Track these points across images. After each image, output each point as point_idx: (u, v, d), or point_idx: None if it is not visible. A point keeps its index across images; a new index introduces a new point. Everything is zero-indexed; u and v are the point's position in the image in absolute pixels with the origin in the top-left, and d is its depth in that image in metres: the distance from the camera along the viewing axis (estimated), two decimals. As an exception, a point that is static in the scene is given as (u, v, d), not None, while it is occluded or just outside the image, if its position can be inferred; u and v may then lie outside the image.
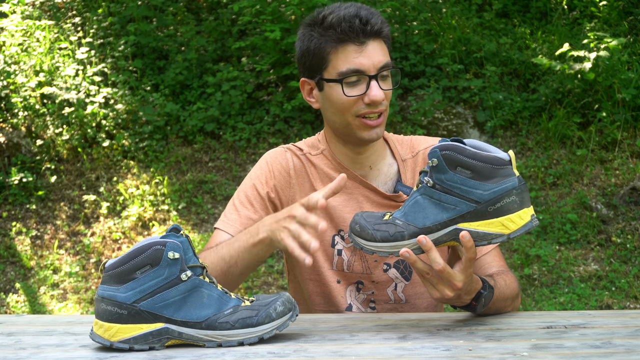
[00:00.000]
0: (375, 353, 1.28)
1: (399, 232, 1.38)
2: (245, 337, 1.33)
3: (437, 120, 5.73)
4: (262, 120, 5.90)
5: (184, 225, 5.21)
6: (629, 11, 6.69)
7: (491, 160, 1.33)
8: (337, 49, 1.65)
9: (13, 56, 6.22)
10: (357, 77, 1.64)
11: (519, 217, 1.33)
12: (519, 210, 1.33)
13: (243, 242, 1.58)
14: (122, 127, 5.92)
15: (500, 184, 1.32)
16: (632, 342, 1.31)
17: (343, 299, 1.76)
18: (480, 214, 1.33)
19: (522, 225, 1.33)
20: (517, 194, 1.32)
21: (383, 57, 1.66)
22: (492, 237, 1.34)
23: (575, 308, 4.26)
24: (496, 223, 1.33)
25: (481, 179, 1.33)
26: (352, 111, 1.66)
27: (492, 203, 1.32)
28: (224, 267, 1.60)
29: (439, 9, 6.66)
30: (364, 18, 1.63)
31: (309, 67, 1.71)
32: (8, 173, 5.54)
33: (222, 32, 6.61)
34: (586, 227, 4.93)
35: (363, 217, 1.43)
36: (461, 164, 1.34)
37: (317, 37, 1.67)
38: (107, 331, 1.32)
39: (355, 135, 1.69)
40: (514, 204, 1.32)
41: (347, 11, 1.64)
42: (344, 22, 1.63)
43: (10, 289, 4.90)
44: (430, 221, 1.37)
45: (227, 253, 1.60)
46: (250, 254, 1.57)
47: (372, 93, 1.63)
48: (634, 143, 5.47)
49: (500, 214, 1.32)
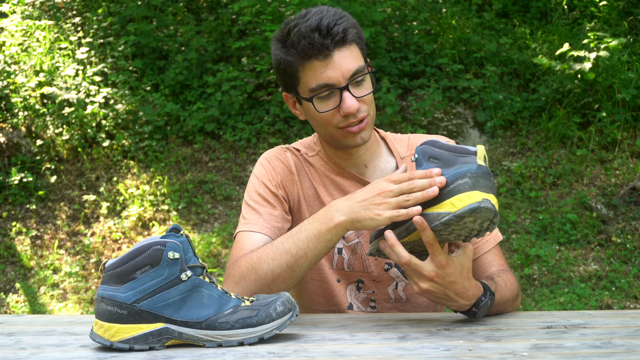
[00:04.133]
0: (375, 353, 1.28)
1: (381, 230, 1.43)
2: (245, 337, 1.33)
3: (437, 120, 5.73)
4: (262, 120, 5.90)
5: (184, 225, 5.21)
6: (629, 11, 6.69)
7: (457, 149, 1.38)
8: (304, 66, 1.61)
9: (13, 56, 6.22)
10: (328, 91, 1.61)
11: (468, 197, 1.34)
12: (469, 191, 1.35)
13: (312, 231, 1.51)
14: (122, 127, 5.92)
15: (459, 168, 1.36)
16: (632, 342, 1.31)
17: (344, 298, 1.76)
18: (438, 197, 1.37)
19: (469, 204, 1.34)
20: (472, 177, 1.35)
21: (352, 64, 1.60)
22: (441, 217, 1.36)
23: (575, 308, 4.26)
24: (447, 203, 1.36)
25: (445, 166, 1.38)
26: (332, 124, 1.64)
27: (447, 185, 1.36)
28: (290, 261, 1.52)
29: (439, 9, 6.66)
30: (324, 29, 1.58)
31: (285, 84, 1.68)
32: (8, 173, 5.54)
33: (222, 32, 6.61)
34: (586, 227, 4.93)
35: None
36: (433, 154, 1.41)
37: (283, 55, 1.63)
38: (107, 331, 1.32)
39: (341, 143, 1.68)
40: (465, 185, 1.35)
41: (308, 24, 1.59)
42: (303, 40, 1.58)
43: (10, 289, 4.90)
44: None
45: (293, 245, 1.52)
46: (323, 240, 1.50)
47: (345, 105, 1.60)
48: (634, 143, 5.47)
49: (452, 195, 1.35)
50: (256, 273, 1.54)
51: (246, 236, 1.65)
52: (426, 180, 1.38)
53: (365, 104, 1.64)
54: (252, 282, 1.54)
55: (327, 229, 1.50)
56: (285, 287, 1.55)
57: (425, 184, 1.38)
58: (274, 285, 1.54)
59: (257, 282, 1.54)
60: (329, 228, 1.49)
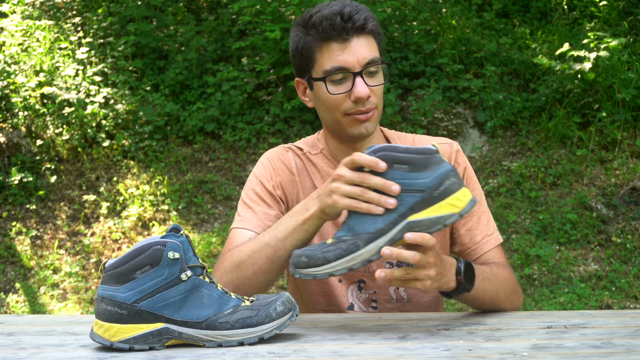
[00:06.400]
0: (375, 353, 1.28)
1: (352, 244, 1.37)
2: (245, 337, 1.33)
3: (437, 120, 5.73)
4: (262, 120, 5.90)
5: (184, 225, 5.21)
6: (629, 11, 6.69)
7: (423, 151, 1.37)
8: (321, 48, 1.64)
9: (13, 56, 6.22)
10: (342, 74, 1.63)
11: (464, 195, 1.37)
12: (460, 189, 1.37)
13: (291, 223, 1.52)
14: (122, 127, 5.92)
15: (437, 169, 1.36)
16: (632, 342, 1.31)
17: (344, 298, 1.76)
18: (428, 201, 1.36)
19: (469, 201, 1.38)
20: (454, 175, 1.37)
21: (368, 52, 1.63)
22: (445, 219, 1.36)
23: (575, 308, 4.26)
24: (445, 205, 1.36)
25: (419, 169, 1.36)
26: (341, 109, 1.66)
27: (436, 187, 1.36)
28: (270, 253, 1.53)
29: (439, 9, 6.66)
30: (346, 15, 1.62)
31: (299, 67, 1.71)
32: (8, 173, 5.54)
33: (222, 32, 6.62)
34: (586, 227, 4.93)
35: (304, 250, 1.40)
36: (396, 160, 1.37)
37: (303, 37, 1.67)
38: (107, 331, 1.32)
39: (346, 132, 1.69)
40: (454, 184, 1.37)
41: (331, 9, 1.64)
42: (325, 21, 1.62)
43: (10, 289, 4.90)
44: (381, 223, 1.37)
45: (272, 238, 1.54)
46: (301, 231, 1.51)
47: (357, 90, 1.62)
48: (634, 143, 5.47)
49: (446, 196, 1.36)
50: (238, 267, 1.56)
51: (238, 233, 1.67)
52: (380, 179, 1.36)
53: (375, 96, 1.66)
54: (235, 276, 1.56)
55: (303, 219, 1.51)
56: (266, 280, 1.56)
57: (379, 182, 1.36)
58: (255, 278, 1.55)
59: (239, 275, 1.55)
60: (305, 219, 1.50)
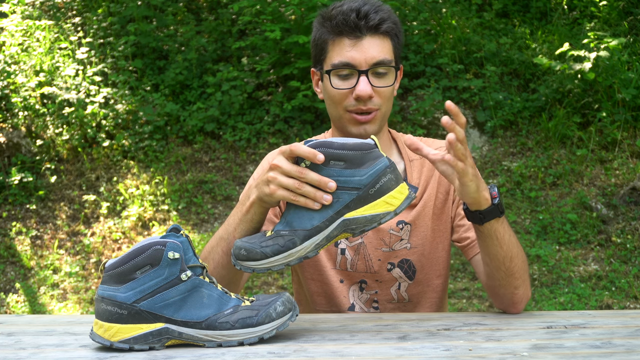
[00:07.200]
0: (375, 353, 1.28)
1: (289, 241, 1.37)
2: (245, 337, 1.33)
3: (437, 120, 5.73)
4: (262, 120, 5.90)
5: (184, 225, 5.21)
6: (629, 11, 6.69)
7: (359, 146, 1.36)
8: (334, 41, 1.66)
9: (13, 56, 6.22)
10: (348, 70, 1.64)
11: (399, 193, 1.37)
12: (397, 186, 1.37)
13: (238, 214, 1.52)
14: (122, 127, 5.92)
15: (374, 166, 1.35)
16: (632, 342, 1.31)
17: (345, 299, 1.76)
18: (363, 199, 1.36)
19: (404, 199, 1.37)
20: (391, 172, 1.36)
21: (379, 53, 1.63)
22: (381, 217, 1.36)
23: (575, 308, 4.26)
24: (380, 203, 1.36)
25: (355, 166, 1.35)
26: (343, 105, 1.67)
27: (372, 185, 1.35)
28: (224, 247, 1.54)
29: (439, 9, 6.66)
30: (363, 12, 1.63)
31: (315, 57, 1.73)
32: (8, 173, 5.54)
33: (222, 32, 6.62)
34: (586, 227, 4.93)
35: (244, 241, 1.40)
36: (333, 157, 1.36)
37: (320, 28, 1.69)
38: (107, 331, 1.32)
39: (347, 130, 1.70)
40: (391, 181, 1.36)
41: (351, 5, 1.65)
42: (340, 15, 1.64)
43: (10, 289, 4.90)
44: (317, 220, 1.37)
45: (224, 231, 1.54)
46: (246, 221, 1.50)
47: (359, 87, 1.62)
48: (634, 143, 5.47)
49: (382, 194, 1.36)
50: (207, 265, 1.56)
51: None
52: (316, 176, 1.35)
53: (379, 97, 1.65)
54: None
55: (246, 208, 1.49)
56: (228, 274, 1.55)
57: (315, 178, 1.35)
58: (216, 273, 1.55)
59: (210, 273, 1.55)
60: (247, 208, 1.49)
